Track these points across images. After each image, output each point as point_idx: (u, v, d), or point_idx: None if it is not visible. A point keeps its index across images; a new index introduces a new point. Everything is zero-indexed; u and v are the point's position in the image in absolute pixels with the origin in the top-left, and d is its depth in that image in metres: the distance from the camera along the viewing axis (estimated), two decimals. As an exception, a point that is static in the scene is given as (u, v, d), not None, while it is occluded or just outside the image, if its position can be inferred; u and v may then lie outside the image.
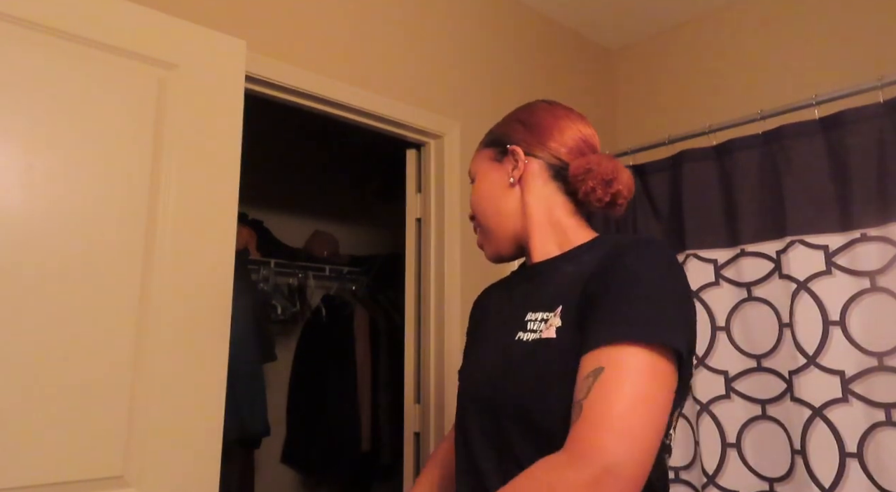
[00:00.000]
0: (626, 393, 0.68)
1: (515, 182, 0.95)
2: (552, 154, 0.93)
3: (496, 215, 0.96)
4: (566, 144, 0.93)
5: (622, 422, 0.66)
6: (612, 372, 0.69)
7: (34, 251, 1.21)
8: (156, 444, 1.30)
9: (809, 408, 1.50)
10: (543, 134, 0.94)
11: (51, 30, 1.27)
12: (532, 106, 1.00)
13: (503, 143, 0.97)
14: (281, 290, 3.00)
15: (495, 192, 0.96)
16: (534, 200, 0.94)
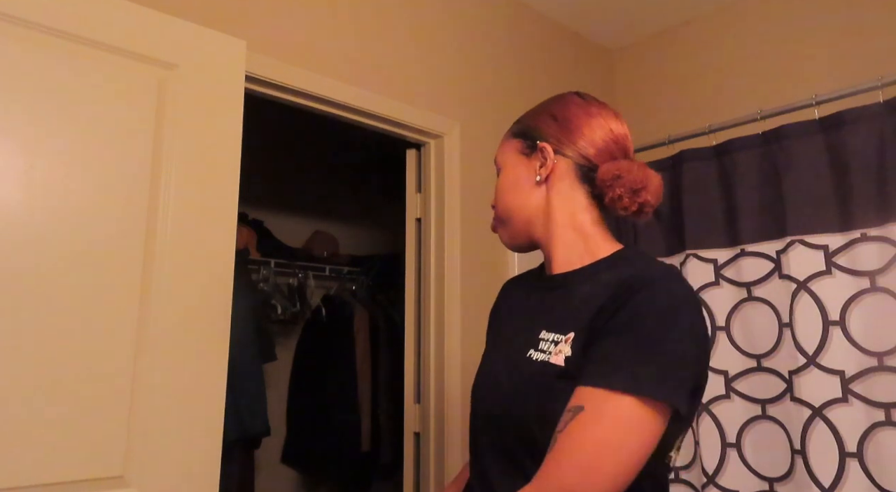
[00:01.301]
0: (598, 438, 0.71)
1: (542, 181, 0.93)
2: (581, 154, 0.91)
3: (519, 210, 0.95)
4: (596, 145, 0.91)
5: (590, 461, 0.71)
6: (590, 414, 0.73)
7: (34, 251, 1.21)
8: (156, 444, 1.30)
9: (809, 408, 1.50)
10: (574, 132, 0.92)
11: (51, 30, 1.27)
12: (565, 99, 0.97)
13: (533, 137, 0.95)
14: (281, 290, 2.99)
15: (521, 187, 0.95)
16: (559, 202, 0.92)
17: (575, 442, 0.72)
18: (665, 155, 1.95)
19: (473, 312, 2.11)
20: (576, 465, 0.71)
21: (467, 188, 2.17)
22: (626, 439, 0.72)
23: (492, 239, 2.22)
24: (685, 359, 0.76)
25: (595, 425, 0.72)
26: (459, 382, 2.01)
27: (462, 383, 2.02)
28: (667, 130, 2.64)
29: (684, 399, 0.75)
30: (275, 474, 3.07)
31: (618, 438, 0.72)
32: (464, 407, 2.02)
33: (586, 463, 0.71)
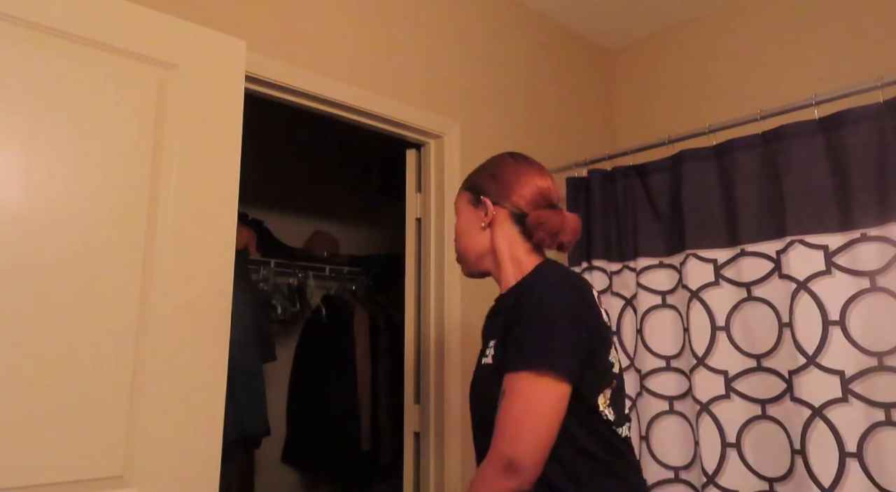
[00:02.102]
0: (517, 409, 0.97)
1: (486, 226, 1.21)
2: (514, 205, 1.19)
3: (470, 247, 1.23)
4: (525, 198, 1.19)
5: (513, 430, 0.97)
6: (509, 395, 0.99)
7: (34, 251, 1.21)
8: (156, 444, 1.30)
9: (809, 408, 1.50)
10: (508, 188, 1.20)
11: (51, 30, 1.27)
12: (501, 160, 1.25)
13: (478, 192, 1.23)
14: (281, 290, 2.99)
15: (471, 230, 1.23)
16: (500, 241, 1.20)
17: (504, 419, 0.98)
18: (665, 155, 1.95)
19: (473, 312, 2.11)
20: (507, 437, 0.97)
21: (467, 188, 2.17)
22: (535, 406, 0.97)
23: (492, 239, 2.22)
24: (562, 333, 1.00)
25: (512, 402, 0.98)
26: (459, 382, 2.01)
27: (462, 383, 2.02)
28: (667, 130, 2.64)
29: (562, 364, 0.98)
30: (275, 474, 3.07)
31: (529, 407, 0.97)
32: (464, 407, 2.02)
33: (512, 433, 0.96)
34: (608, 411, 1.06)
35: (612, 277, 1.99)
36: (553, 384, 0.97)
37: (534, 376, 0.97)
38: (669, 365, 1.83)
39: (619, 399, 1.11)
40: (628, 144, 2.75)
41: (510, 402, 0.98)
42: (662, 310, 1.87)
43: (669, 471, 1.78)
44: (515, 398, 0.97)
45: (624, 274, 1.97)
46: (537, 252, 1.19)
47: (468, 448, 2.00)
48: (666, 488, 1.78)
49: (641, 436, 1.84)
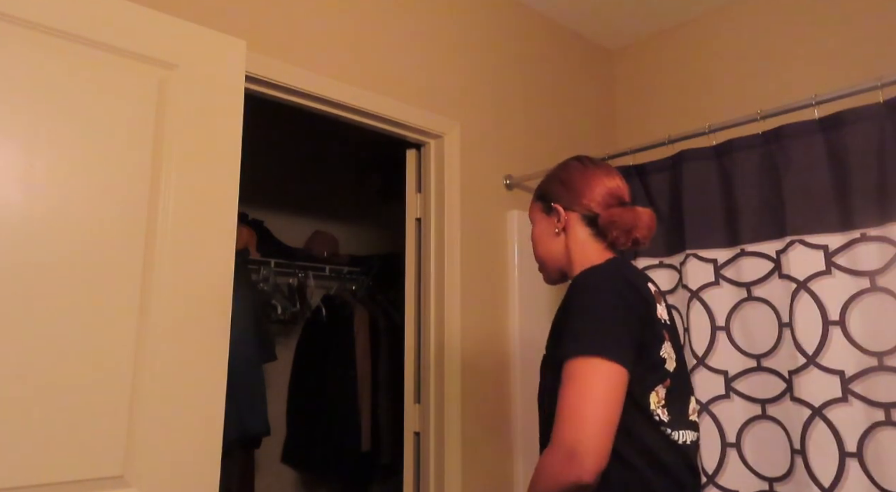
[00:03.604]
0: (575, 395, 0.96)
1: (560, 232, 1.23)
2: (585, 207, 1.20)
3: (547, 254, 1.26)
4: (595, 199, 1.20)
5: (573, 416, 0.95)
6: (567, 382, 0.98)
7: (34, 251, 1.21)
8: (156, 444, 1.30)
9: (809, 408, 1.50)
10: (578, 192, 1.21)
11: (51, 30, 1.27)
12: (568, 165, 1.27)
13: (548, 199, 1.25)
14: (281, 290, 2.99)
15: (546, 237, 1.26)
16: (574, 244, 1.21)
17: (563, 405, 0.97)
18: (665, 155, 1.95)
19: (473, 311, 2.11)
20: (567, 423, 0.95)
21: (467, 188, 2.17)
22: (593, 391, 0.95)
23: (491, 239, 2.23)
24: (614, 320, 1.01)
25: (570, 389, 0.97)
26: (459, 382, 2.01)
27: (462, 383, 2.03)
28: (667, 130, 2.64)
29: (616, 350, 0.98)
30: (275, 474, 3.07)
31: (588, 392, 0.95)
32: (464, 407, 2.02)
33: (572, 419, 0.94)
34: (661, 411, 1.03)
35: (612, 277, 1.99)
36: (610, 369, 0.96)
37: (589, 361, 0.96)
38: (669, 365, 1.83)
39: (678, 401, 1.06)
40: (628, 144, 2.75)
41: (568, 389, 0.96)
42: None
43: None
44: (573, 385, 0.96)
45: (624, 274, 1.97)
46: (612, 252, 1.19)
47: (468, 448, 2.00)
48: (666, 488, 1.78)
49: (641, 436, 1.84)
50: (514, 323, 2.20)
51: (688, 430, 1.07)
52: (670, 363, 1.06)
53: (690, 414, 1.10)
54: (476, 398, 2.07)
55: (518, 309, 2.20)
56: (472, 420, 2.04)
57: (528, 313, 2.23)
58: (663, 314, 1.11)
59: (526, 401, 2.16)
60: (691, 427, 1.09)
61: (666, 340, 1.07)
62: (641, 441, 1.01)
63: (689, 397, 1.11)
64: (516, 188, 2.35)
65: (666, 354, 1.06)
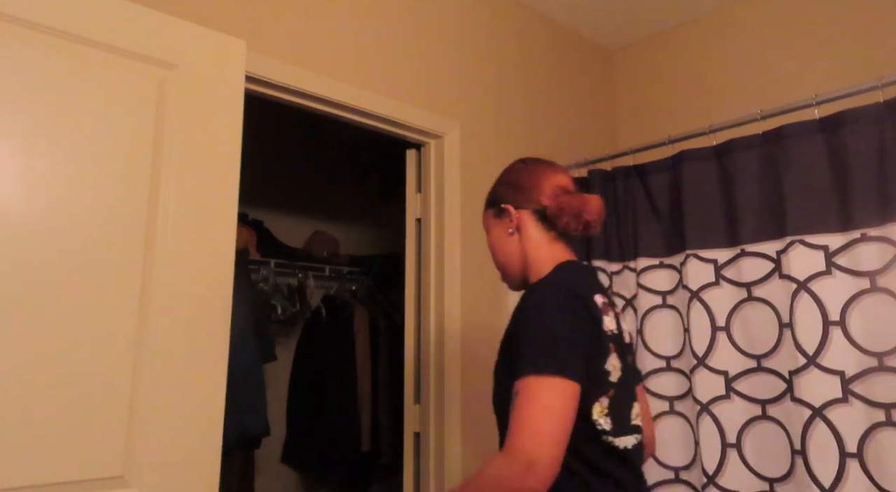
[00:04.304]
0: (533, 409, 0.98)
1: (514, 231, 1.23)
2: (535, 202, 1.21)
3: (506, 258, 1.25)
4: (544, 193, 1.21)
5: (530, 428, 0.97)
6: (524, 397, 1.00)
7: (34, 251, 1.21)
8: (156, 444, 1.30)
9: (809, 408, 1.50)
10: (526, 190, 1.23)
11: (51, 30, 1.27)
12: (513, 167, 1.29)
13: (498, 203, 1.26)
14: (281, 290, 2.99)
15: (501, 242, 1.25)
16: (528, 243, 1.22)
17: (520, 418, 0.99)
18: (665, 155, 1.95)
19: (473, 312, 2.11)
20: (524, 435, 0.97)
21: (467, 188, 2.17)
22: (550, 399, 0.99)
23: (492, 239, 2.22)
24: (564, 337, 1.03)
25: (525, 403, 0.99)
26: (459, 382, 2.01)
27: (462, 383, 2.02)
28: (667, 130, 2.64)
29: (569, 368, 1.01)
30: (275, 474, 3.07)
31: (542, 406, 0.98)
32: (464, 407, 2.02)
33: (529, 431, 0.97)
34: (604, 420, 1.07)
35: (612, 278, 1.99)
36: (564, 386, 1.00)
37: (545, 379, 1.00)
38: (670, 365, 1.83)
39: (621, 409, 1.09)
40: (628, 144, 2.75)
41: (525, 404, 0.99)
42: (663, 310, 1.86)
43: (670, 471, 1.78)
44: (530, 401, 0.99)
45: (624, 274, 1.97)
46: (566, 246, 1.22)
47: (468, 448, 2.00)
48: (666, 489, 1.78)
49: (641, 436, 1.84)
50: (514, 323, 2.19)
51: (630, 435, 1.11)
52: (615, 375, 1.09)
53: (633, 419, 1.13)
54: (476, 398, 2.07)
55: (518, 309, 2.20)
56: (472, 420, 2.04)
57: (528, 313, 2.23)
58: (610, 325, 1.12)
59: (526, 401, 2.16)
60: (634, 431, 1.12)
61: (611, 352, 1.10)
62: (584, 450, 1.06)
63: (631, 403, 1.14)
64: (516, 188, 2.35)
65: (611, 366, 1.09)
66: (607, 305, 1.14)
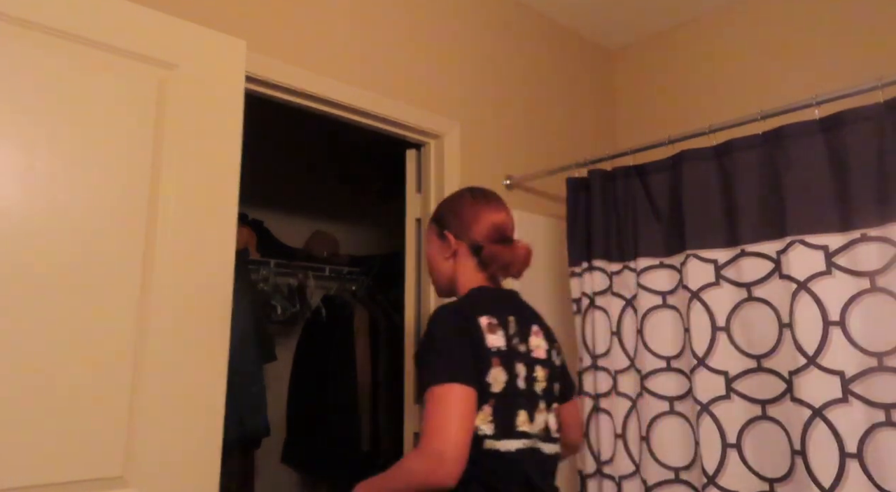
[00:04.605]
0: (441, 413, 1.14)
1: (450, 256, 1.39)
2: (472, 239, 1.37)
3: (439, 273, 1.43)
4: (481, 233, 1.37)
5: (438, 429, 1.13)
6: (432, 404, 1.15)
7: (34, 251, 1.21)
8: (156, 444, 1.30)
9: (809, 408, 1.50)
10: (467, 225, 1.38)
11: (51, 30, 1.27)
12: (462, 198, 1.42)
13: (442, 227, 1.41)
14: (281, 290, 2.99)
15: (438, 258, 1.42)
16: (460, 269, 1.38)
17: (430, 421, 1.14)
18: (665, 155, 1.95)
19: (473, 312, 2.10)
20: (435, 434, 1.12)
21: (467, 188, 2.17)
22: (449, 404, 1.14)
23: (492, 239, 2.22)
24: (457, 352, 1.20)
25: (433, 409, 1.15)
26: (459, 382, 2.01)
27: (462, 384, 2.02)
28: (667, 130, 2.64)
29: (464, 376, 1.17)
30: (275, 474, 3.07)
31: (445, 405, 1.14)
32: (464, 407, 2.02)
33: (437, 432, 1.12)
34: (486, 426, 1.21)
35: (612, 278, 1.99)
36: (463, 391, 1.16)
37: (446, 386, 1.16)
38: (670, 365, 1.83)
39: (504, 415, 1.22)
40: (628, 144, 2.75)
41: (434, 409, 1.15)
42: (663, 310, 1.86)
43: (670, 471, 1.78)
44: (437, 406, 1.15)
45: (624, 274, 1.97)
46: (486, 275, 1.38)
47: (468, 448, 2.00)
48: (666, 489, 1.78)
49: (642, 436, 1.84)
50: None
51: (514, 439, 1.22)
52: (496, 386, 1.22)
53: (520, 426, 1.24)
54: (476, 398, 2.06)
55: (518, 309, 2.20)
56: (472, 420, 2.04)
57: (528, 314, 2.23)
58: (496, 342, 1.25)
59: (526, 401, 2.16)
60: (521, 437, 1.23)
61: (494, 365, 1.23)
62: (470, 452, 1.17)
63: (517, 411, 1.25)
64: (516, 188, 2.35)
65: (492, 378, 1.22)
66: (494, 325, 1.27)
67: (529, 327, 1.34)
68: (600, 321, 1.97)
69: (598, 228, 2.02)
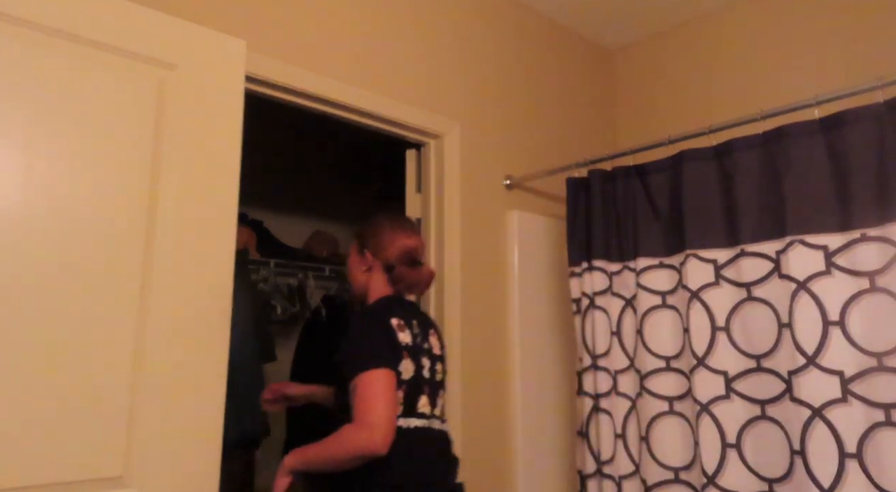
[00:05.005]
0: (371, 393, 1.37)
1: (367, 270, 1.64)
2: (386, 259, 1.61)
3: (356, 282, 1.67)
4: (394, 255, 1.60)
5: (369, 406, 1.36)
6: (363, 387, 1.39)
7: (34, 251, 1.21)
8: (156, 444, 1.30)
9: (809, 408, 1.50)
10: (382, 246, 1.62)
11: (51, 30, 1.27)
12: (381, 223, 1.66)
13: (362, 245, 1.66)
14: (281, 290, 3.00)
15: (357, 270, 1.66)
16: (373, 282, 1.63)
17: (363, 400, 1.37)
18: (665, 155, 1.95)
19: (473, 312, 2.11)
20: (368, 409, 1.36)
21: (467, 188, 2.17)
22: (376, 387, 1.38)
23: (491, 239, 2.22)
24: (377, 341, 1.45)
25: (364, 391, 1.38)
26: (459, 382, 2.01)
27: (461, 383, 2.03)
28: (667, 130, 2.64)
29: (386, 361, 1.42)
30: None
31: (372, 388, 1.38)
32: (464, 407, 2.02)
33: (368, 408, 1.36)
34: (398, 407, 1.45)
35: (612, 278, 1.99)
36: (386, 374, 1.41)
37: (373, 372, 1.39)
38: (669, 365, 1.83)
39: (410, 398, 1.47)
40: (628, 144, 2.75)
41: (365, 391, 1.38)
42: (662, 310, 1.86)
43: (669, 472, 1.78)
44: (368, 388, 1.38)
45: (624, 274, 1.97)
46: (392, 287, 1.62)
47: (468, 448, 2.00)
48: (666, 489, 1.78)
49: (642, 436, 1.84)
50: (514, 323, 2.20)
51: (413, 418, 1.47)
52: (406, 375, 1.47)
53: (420, 407, 1.49)
54: (476, 399, 2.07)
55: (518, 309, 2.20)
56: (472, 420, 2.04)
57: (528, 313, 2.23)
58: (405, 339, 1.50)
59: (526, 401, 2.16)
60: (419, 416, 1.48)
61: (404, 358, 1.48)
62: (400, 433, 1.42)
63: (419, 396, 1.49)
64: (516, 188, 2.35)
65: (403, 368, 1.46)
66: (402, 325, 1.52)
67: (428, 330, 1.60)
68: (600, 321, 1.97)
69: (597, 228, 2.02)
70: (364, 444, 1.34)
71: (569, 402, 2.31)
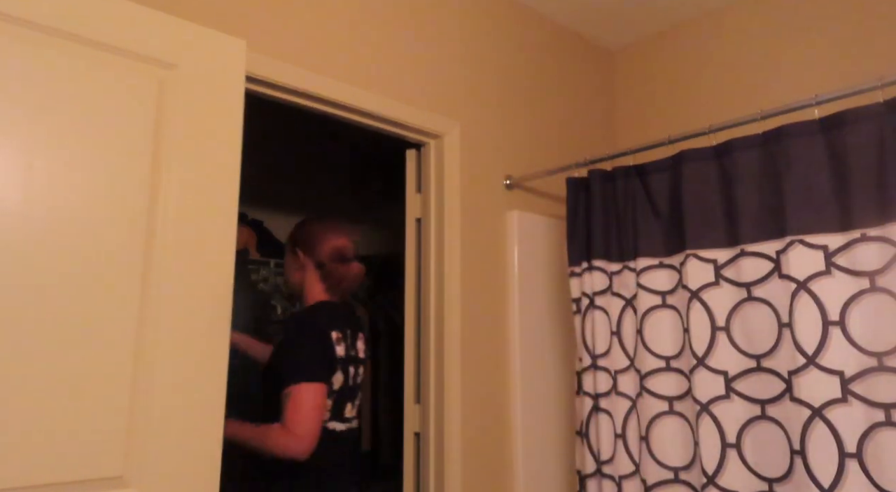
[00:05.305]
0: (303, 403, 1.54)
1: (299, 269, 1.77)
2: (317, 257, 1.74)
3: (291, 279, 1.80)
4: (324, 253, 1.74)
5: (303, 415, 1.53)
6: (293, 395, 1.54)
7: (34, 251, 1.21)
8: (156, 444, 1.30)
9: (809, 408, 1.50)
10: (312, 246, 1.75)
11: (51, 30, 1.27)
12: (311, 225, 1.79)
13: (295, 245, 1.78)
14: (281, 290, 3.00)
15: (291, 269, 1.79)
16: (307, 281, 1.76)
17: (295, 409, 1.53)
18: (665, 155, 1.95)
19: (473, 311, 2.11)
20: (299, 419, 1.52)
21: (467, 188, 2.17)
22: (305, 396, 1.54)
23: (491, 239, 2.22)
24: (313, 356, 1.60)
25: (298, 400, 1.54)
26: (459, 382, 2.01)
27: (462, 383, 2.03)
28: (667, 129, 2.64)
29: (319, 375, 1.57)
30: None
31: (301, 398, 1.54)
32: (464, 407, 2.02)
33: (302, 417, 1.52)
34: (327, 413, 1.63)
35: (612, 278, 1.99)
36: (318, 387, 1.56)
37: (306, 385, 1.54)
38: (669, 365, 1.83)
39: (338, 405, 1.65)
40: (628, 144, 2.75)
41: (294, 401, 1.53)
42: (662, 310, 1.87)
43: (669, 471, 1.78)
44: (300, 398, 1.53)
45: (624, 274, 1.97)
46: (327, 290, 1.75)
47: (468, 448, 2.00)
48: (666, 489, 1.78)
49: (641, 436, 1.84)
50: (514, 323, 2.20)
51: (337, 422, 1.65)
52: (336, 385, 1.64)
53: (346, 413, 1.68)
54: (476, 398, 2.07)
55: (518, 309, 2.20)
56: (472, 420, 2.04)
57: (528, 313, 2.23)
58: (341, 352, 1.65)
59: (526, 400, 2.16)
60: (343, 421, 1.67)
61: (337, 371, 1.64)
62: None
63: (346, 403, 1.68)
64: (516, 188, 2.35)
65: (335, 380, 1.63)
66: (340, 338, 1.66)
67: (357, 335, 1.74)
68: (600, 321, 1.97)
69: (597, 227, 2.02)
70: (291, 450, 1.51)
71: (568, 402, 2.31)
